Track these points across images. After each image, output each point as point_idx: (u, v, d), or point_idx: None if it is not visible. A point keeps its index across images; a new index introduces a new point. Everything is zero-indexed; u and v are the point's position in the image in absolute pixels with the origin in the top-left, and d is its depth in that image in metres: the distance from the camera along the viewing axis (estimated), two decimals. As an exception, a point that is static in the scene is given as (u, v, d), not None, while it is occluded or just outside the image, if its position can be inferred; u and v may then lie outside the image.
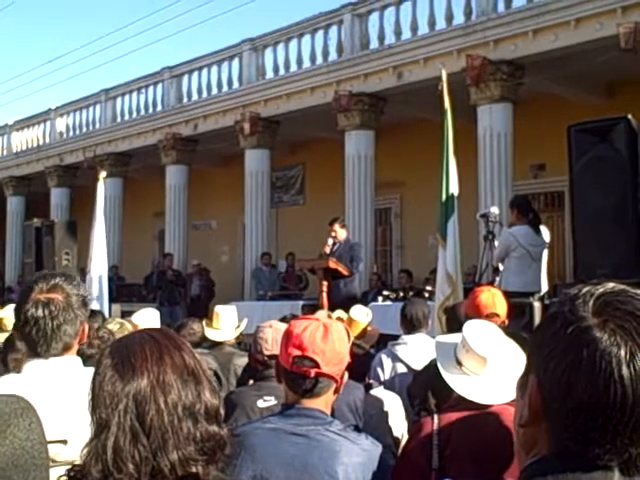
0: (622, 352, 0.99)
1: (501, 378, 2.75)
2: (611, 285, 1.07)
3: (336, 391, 2.27)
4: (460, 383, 2.83)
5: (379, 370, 5.14)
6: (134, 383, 1.35)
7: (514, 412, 1.14)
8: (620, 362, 0.98)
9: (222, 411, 1.43)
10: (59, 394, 2.18)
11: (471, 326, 2.97)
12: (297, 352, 2.19)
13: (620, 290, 1.05)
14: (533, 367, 1.08)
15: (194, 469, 1.35)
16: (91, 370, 2.40)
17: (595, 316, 1.02)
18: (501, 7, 12.55)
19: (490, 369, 2.81)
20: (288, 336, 2.25)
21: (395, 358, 5.15)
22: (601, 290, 1.05)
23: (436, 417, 2.85)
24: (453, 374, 2.87)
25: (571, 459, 1.03)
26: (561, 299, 1.08)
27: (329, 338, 2.19)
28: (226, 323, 5.81)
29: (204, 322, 5.82)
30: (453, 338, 3.05)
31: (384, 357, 5.22)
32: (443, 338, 3.25)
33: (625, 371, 0.98)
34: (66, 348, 2.31)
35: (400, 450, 4.05)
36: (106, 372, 1.39)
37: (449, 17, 13.27)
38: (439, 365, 2.96)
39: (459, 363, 2.87)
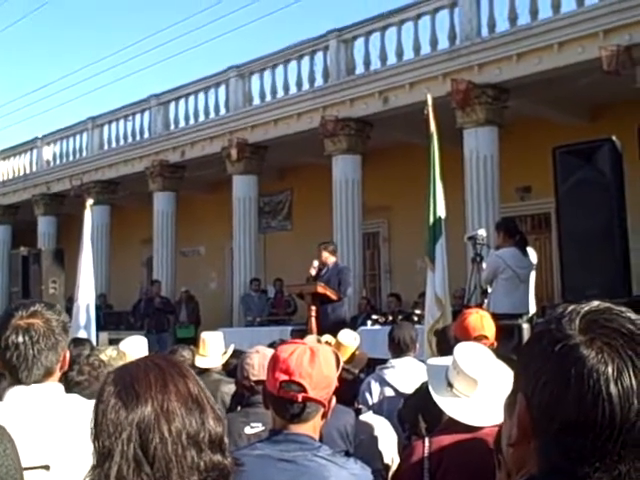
0: (609, 370, 0.99)
1: (492, 400, 2.74)
2: (596, 303, 1.07)
3: (324, 416, 2.25)
4: (451, 405, 2.82)
5: (367, 395, 5.11)
6: (138, 411, 1.33)
7: (501, 432, 1.14)
8: (608, 380, 0.98)
9: (226, 440, 1.41)
10: (41, 421, 2.17)
11: (462, 348, 2.96)
12: (284, 377, 2.16)
13: (605, 308, 1.06)
14: (521, 386, 1.07)
15: None
16: (74, 397, 2.39)
17: (582, 334, 1.02)
18: (485, 32, 12.68)
19: (481, 391, 2.80)
20: (275, 361, 2.23)
21: (383, 382, 5.13)
22: (587, 308, 1.06)
23: (427, 440, 2.83)
24: (444, 396, 2.85)
25: (560, 477, 1.02)
26: (547, 318, 1.08)
27: (316, 362, 2.17)
28: (213, 350, 5.77)
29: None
30: (444, 360, 3.04)
31: (372, 381, 5.20)
32: (434, 360, 3.24)
33: (613, 389, 0.98)
34: (47, 374, 2.29)
35: (391, 474, 4.03)
36: (109, 400, 1.36)
37: (434, 42, 13.39)
38: (430, 387, 2.94)
39: (450, 385, 2.86)
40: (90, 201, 10.93)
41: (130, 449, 1.30)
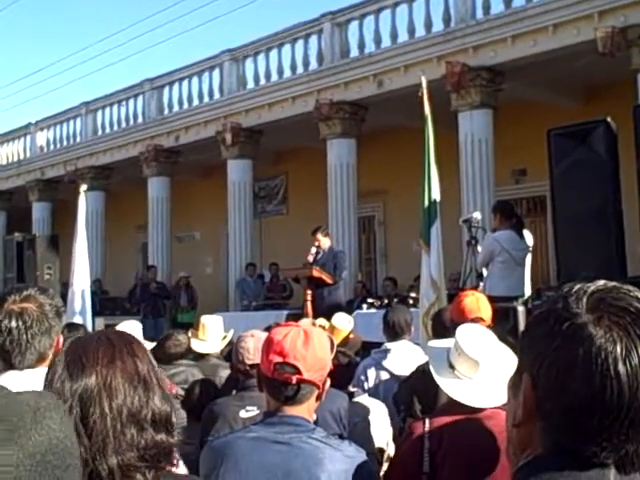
0: (618, 348, 0.98)
1: (493, 381, 2.74)
2: (603, 282, 1.06)
3: (318, 398, 2.25)
4: (452, 386, 2.81)
5: (362, 378, 5.11)
6: (81, 383, 1.36)
7: (506, 412, 1.13)
8: (616, 359, 0.98)
9: (174, 419, 1.44)
10: None
11: (464, 330, 2.95)
12: (278, 359, 2.16)
13: (612, 287, 1.05)
14: (526, 365, 1.06)
15: (137, 476, 1.36)
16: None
17: (589, 312, 1.01)
18: (479, 14, 12.62)
19: (483, 372, 2.79)
20: (269, 343, 2.23)
21: (378, 366, 5.13)
22: (593, 287, 1.05)
23: (427, 421, 2.83)
24: (446, 378, 2.85)
25: (567, 457, 1.02)
26: (553, 297, 1.07)
27: (310, 344, 2.17)
28: (212, 334, 5.74)
29: (190, 333, 5.76)
30: (446, 342, 3.03)
31: (368, 365, 5.20)
32: (436, 342, 3.23)
33: (621, 368, 0.97)
34: (41, 359, 2.28)
35: (386, 456, 4.04)
36: (57, 369, 1.40)
37: (428, 24, 13.33)
38: (432, 369, 2.94)
39: (452, 367, 2.86)
40: (84, 187, 10.89)
41: (71, 420, 1.31)
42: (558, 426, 1.02)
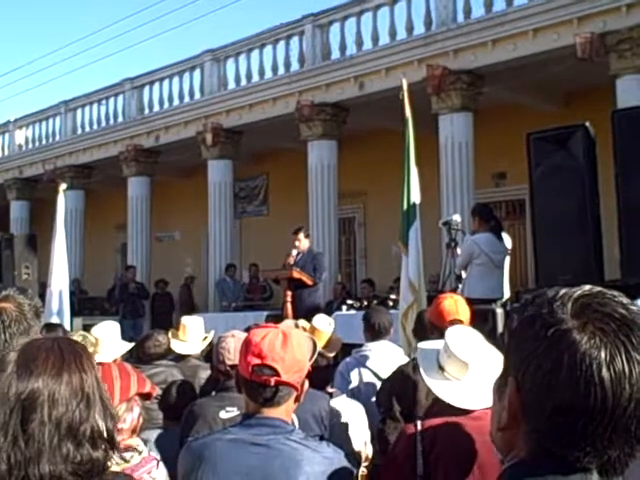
0: (602, 354, 0.99)
1: (483, 383, 2.75)
2: (588, 287, 1.07)
3: (297, 400, 2.25)
4: (442, 388, 2.82)
5: (344, 378, 5.12)
6: (26, 390, 1.39)
7: (491, 415, 1.13)
8: (600, 365, 0.98)
9: (115, 436, 1.47)
10: None
11: (453, 331, 2.96)
12: (256, 360, 2.16)
13: (597, 292, 1.05)
14: (511, 370, 1.07)
15: None
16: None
17: (574, 318, 1.02)
18: (460, 17, 12.68)
19: (472, 374, 2.81)
20: (247, 345, 2.22)
21: (360, 366, 5.15)
22: (579, 292, 1.05)
23: (419, 423, 2.84)
24: (435, 379, 2.86)
25: (550, 461, 1.03)
26: (538, 302, 1.07)
27: (288, 346, 2.17)
28: (193, 335, 5.73)
29: (170, 333, 5.74)
30: (436, 344, 3.04)
31: (349, 365, 5.21)
32: (426, 344, 3.23)
33: (605, 374, 0.98)
34: None
35: (364, 457, 4.05)
36: (7, 369, 1.42)
37: (409, 27, 13.37)
38: (421, 370, 2.95)
39: (441, 368, 2.87)
40: (63, 186, 10.80)
41: (11, 422, 1.36)
42: (542, 430, 1.03)
